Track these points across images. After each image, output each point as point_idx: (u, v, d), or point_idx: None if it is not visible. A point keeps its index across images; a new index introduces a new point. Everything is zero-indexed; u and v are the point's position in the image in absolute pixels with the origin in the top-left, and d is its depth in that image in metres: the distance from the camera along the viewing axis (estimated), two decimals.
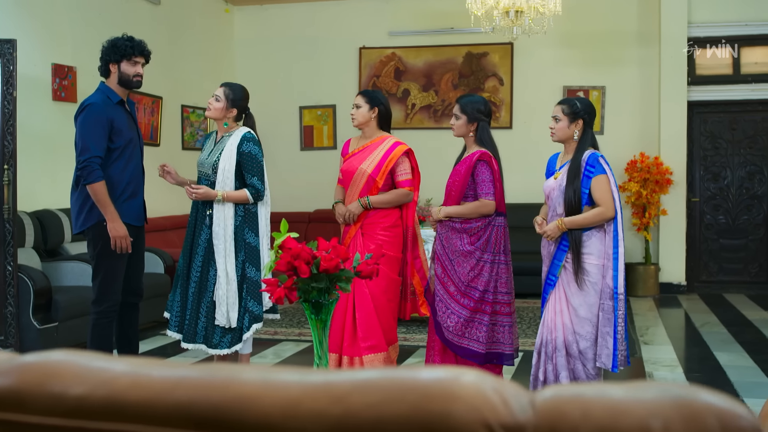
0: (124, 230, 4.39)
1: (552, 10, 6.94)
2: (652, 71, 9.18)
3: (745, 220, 9.17)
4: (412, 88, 9.95)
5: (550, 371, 4.18)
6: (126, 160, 4.50)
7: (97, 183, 4.32)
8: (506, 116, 9.68)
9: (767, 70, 9.01)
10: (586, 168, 4.08)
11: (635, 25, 9.34)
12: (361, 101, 4.74)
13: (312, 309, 2.43)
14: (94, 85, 7.48)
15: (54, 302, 5.64)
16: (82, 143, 4.37)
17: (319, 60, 10.12)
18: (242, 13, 10.38)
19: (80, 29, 7.36)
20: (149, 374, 0.96)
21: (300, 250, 2.33)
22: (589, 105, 4.24)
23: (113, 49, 4.50)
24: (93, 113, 4.39)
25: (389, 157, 4.65)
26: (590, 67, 9.41)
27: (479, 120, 4.44)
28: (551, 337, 4.17)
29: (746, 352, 6.02)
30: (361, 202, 4.61)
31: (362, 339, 4.54)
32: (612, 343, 4.03)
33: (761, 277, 9.16)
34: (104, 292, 4.48)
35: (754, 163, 9.16)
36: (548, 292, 4.22)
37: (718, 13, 9.02)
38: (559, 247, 4.15)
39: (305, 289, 2.39)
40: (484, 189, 4.36)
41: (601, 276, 4.05)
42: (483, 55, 9.75)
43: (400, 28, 9.95)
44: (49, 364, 1.02)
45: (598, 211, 4.03)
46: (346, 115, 10.13)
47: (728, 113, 9.21)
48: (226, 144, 4.59)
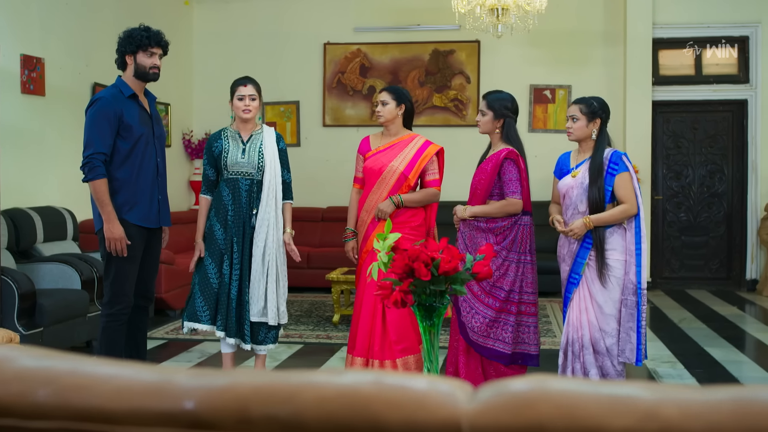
0: (120, 232, 4.18)
1: (537, 7, 6.94)
2: (618, 71, 9.32)
3: (706, 218, 9.39)
4: (377, 85, 9.83)
5: (578, 370, 4.17)
6: (140, 157, 4.28)
7: (98, 180, 4.15)
8: (473, 114, 9.65)
9: (728, 71, 9.25)
10: (610, 166, 4.12)
11: (601, 26, 9.46)
12: (387, 98, 4.61)
13: (424, 313, 2.31)
14: (64, 77, 7.22)
15: (39, 306, 5.33)
16: (86, 139, 4.21)
17: (282, 55, 9.92)
18: (202, 6, 10.08)
19: (48, 19, 7.01)
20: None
21: (419, 252, 2.21)
22: (604, 104, 4.29)
23: (129, 40, 4.29)
24: (100, 108, 4.20)
25: (423, 155, 4.56)
26: (556, 66, 9.49)
27: (506, 116, 4.38)
28: (577, 336, 4.16)
29: (735, 347, 6.14)
30: (394, 200, 4.50)
31: (395, 342, 4.43)
32: (636, 337, 4.09)
33: (721, 273, 9.40)
34: (115, 293, 4.26)
35: (715, 162, 9.39)
36: (571, 291, 4.22)
37: (681, 15, 9.21)
38: (582, 245, 4.15)
39: (419, 292, 2.27)
40: (511, 187, 4.30)
41: (624, 272, 4.09)
42: (450, 53, 9.71)
43: (365, 23, 9.83)
44: None
45: (623, 208, 4.07)
46: (309, 111, 9.97)
47: (690, 113, 9.41)
48: (263, 141, 4.51)
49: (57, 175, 7.14)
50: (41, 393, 0.73)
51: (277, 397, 0.70)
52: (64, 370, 0.75)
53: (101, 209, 4.16)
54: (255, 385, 0.72)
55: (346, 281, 6.94)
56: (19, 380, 0.74)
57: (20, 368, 0.75)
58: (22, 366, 0.76)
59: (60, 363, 0.76)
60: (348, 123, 9.88)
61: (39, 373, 0.75)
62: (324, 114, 9.94)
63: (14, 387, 0.73)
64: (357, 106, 9.90)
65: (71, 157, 7.39)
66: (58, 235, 6.60)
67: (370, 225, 4.59)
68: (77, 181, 7.42)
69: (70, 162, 7.37)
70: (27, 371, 0.75)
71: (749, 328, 6.99)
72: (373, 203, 4.59)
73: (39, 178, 6.89)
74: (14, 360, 0.76)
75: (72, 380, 0.74)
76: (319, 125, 9.92)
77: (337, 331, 6.66)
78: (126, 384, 0.73)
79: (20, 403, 0.72)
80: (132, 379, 0.73)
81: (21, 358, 0.77)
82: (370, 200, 4.60)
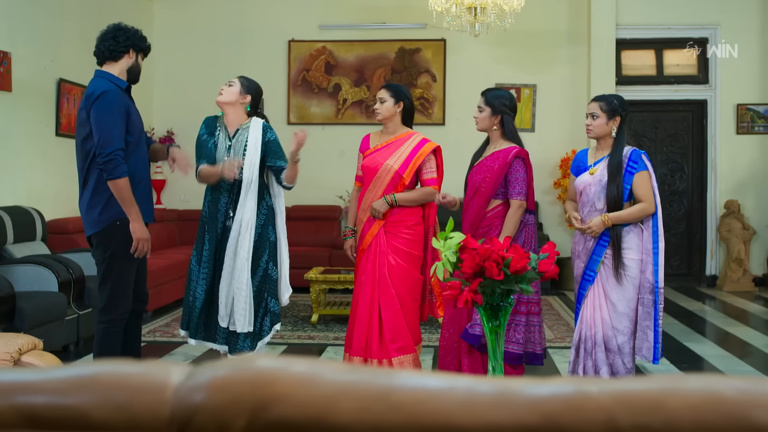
0: (147, 232, 4.03)
1: (514, 6, 6.98)
2: (582, 71, 9.44)
3: (667, 215, 9.57)
4: (343, 83, 9.77)
5: (590, 367, 4.18)
6: (141, 152, 4.14)
7: (123, 179, 3.90)
8: (439, 113, 9.69)
9: (688, 72, 9.46)
10: (629, 164, 4.11)
11: (566, 26, 9.57)
12: (385, 95, 4.54)
13: (491, 313, 2.28)
14: (29, 72, 6.96)
15: (18, 310, 5.13)
16: (104, 135, 3.89)
17: (246, 52, 9.76)
18: (164, 2, 9.86)
19: (14, 12, 6.76)
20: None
21: (490, 252, 2.18)
22: (624, 101, 4.27)
23: (142, 39, 4.16)
24: (111, 101, 3.95)
25: (418, 153, 4.49)
26: (522, 66, 9.56)
27: (503, 113, 4.34)
28: (590, 333, 4.17)
29: (712, 342, 6.28)
30: (387, 199, 4.44)
31: (390, 341, 4.39)
32: (653, 336, 4.10)
33: (682, 269, 9.61)
34: (115, 298, 4.07)
35: (676, 160, 9.60)
36: (586, 288, 4.21)
37: (644, 16, 9.39)
38: (598, 243, 4.15)
39: (488, 292, 2.24)
40: (516, 188, 4.24)
41: (639, 271, 4.10)
42: (416, 51, 9.70)
43: (330, 21, 9.75)
44: None
45: (642, 207, 4.07)
46: (274, 109, 9.83)
47: (651, 113, 9.60)
48: (247, 137, 4.33)
49: (23, 174, 6.90)
50: (378, 408, 0.67)
51: (645, 405, 0.66)
52: (394, 385, 0.69)
53: (128, 209, 3.94)
54: (618, 394, 0.68)
55: (325, 281, 6.87)
56: (352, 399, 0.68)
57: (341, 382, 0.69)
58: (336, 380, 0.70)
59: (376, 377, 0.70)
60: (313, 121, 9.79)
61: (370, 389, 0.69)
62: (289, 112, 9.83)
63: (347, 405, 0.67)
64: (322, 104, 9.82)
65: (37, 154, 7.15)
66: (27, 235, 6.38)
67: (366, 224, 4.54)
68: (44, 180, 7.22)
69: (36, 159, 7.13)
70: (350, 385, 0.69)
71: (720, 323, 7.15)
72: (369, 202, 4.54)
73: (4, 177, 6.63)
74: (322, 375, 0.70)
75: (407, 395, 0.68)
76: (284, 123, 9.79)
77: (317, 332, 6.58)
78: (465, 396, 0.68)
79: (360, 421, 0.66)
80: (471, 391, 0.68)
81: (328, 373, 0.71)
82: (366, 199, 4.55)
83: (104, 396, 0.71)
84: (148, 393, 0.72)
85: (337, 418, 0.66)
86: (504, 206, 4.27)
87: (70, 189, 7.46)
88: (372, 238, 4.49)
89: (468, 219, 4.34)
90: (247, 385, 0.71)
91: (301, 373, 0.70)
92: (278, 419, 0.68)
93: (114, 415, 0.70)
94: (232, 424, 0.69)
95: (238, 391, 0.70)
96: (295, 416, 0.67)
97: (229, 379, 0.71)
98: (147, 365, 0.77)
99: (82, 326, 5.82)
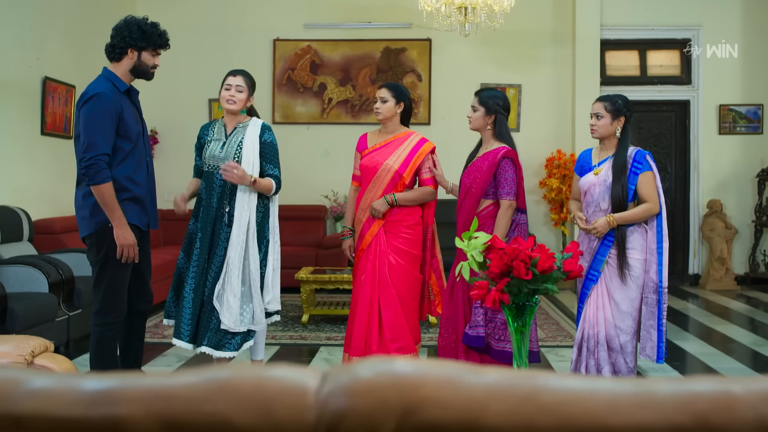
0: (132, 238, 3.95)
1: (504, 6, 7.00)
2: (567, 71, 9.50)
3: None
4: (328, 83, 9.75)
5: (592, 366, 4.20)
6: (138, 157, 4.07)
7: (104, 184, 3.84)
8: (424, 112, 9.69)
9: (671, 73, 9.55)
10: (633, 164, 4.14)
11: (550, 26, 9.62)
12: (387, 95, 4.53)
13: (516, 312, 2.28)
14: (14, 71, 6.85)
15: (10, 311, 5.06)
16: (89, 139, 3.85)
17: (231, 51, 9.69)
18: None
19: None
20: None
21: (518, 252, 2.18)
22: (628, 102, 4.30)
23: (141, 34, 4.01)
24: (101, 105, 3.88)
25: (417, 153, 4.49)
26: (507, 65, 9.60)
27: (497, 113, 4.35)
28: (593, 332, 4.19)
29: (702, 340, 6.34)
30: (387, 199, 4.44)
31: (391, 341, 4.39)
32: (657, 335, 4.13)
33: None
34: (109, 301, 4.01)
35: (659, 160, 9.67)
36: (589, 287, 4.23)
37: (628, 17, 9.46)
38: (603, 243, 4.17)
39: (514, 292, 2.24)
40: (506, 188, 4.24)
41: (643, 271, 4.13)
42: (401, 51, 9.70)
43: (316, 20, 9.72)
44: None
45: (646, 207, 4.09)
46: (258, 108, 9.69)
47: (635, 113, 9.55)
48: (244, 135, 4.33)
49: (8, 173, 6.80)
50: (527, 410, 0.66)
51: None
52: (540, 386, 0.69)
53: (111, 214, 3.88)
54: (764, 392, 0.68)
55: (315, 281, 6.85)
56: (501, 401, 0.67)
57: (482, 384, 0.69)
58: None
59: (519, 379, 0.70)
60: (298, 120, 9.76)
61: (517, 390, 0.68)
62: (274, 111, 9.78)
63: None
64: (307, 103, 9.78)
65: (22, 153, 7.06)
66: (15, 236, 6.29)
67: (366, 223, 4.54)
68: (29, 179, 7.11)
69: (21, 158, 7.04)
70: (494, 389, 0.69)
71: (707, 321, 7.22)
72: (368, 202, 4.53)
73: None
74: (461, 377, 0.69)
75: (554, 396, 0.68)
76: (269, 122, 9.74)
77: (309, 332, 6.56)
78: (611, 396, 0.67)
79: None
80: (615, 391, 0.68)
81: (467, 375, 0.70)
82: (366, 198, 4.55)
83: (244, 401, 0.70)
84: (290, 398, 0.71)
85: (489, 420, 0.66)
86: (495, 206, 4.28)
87: (55, 188, 7.40)
88: (372, 238, 4.48)
89: (461, 219, 4.35)
90: (393, 389, 0.70)
91: (443, 376, 0.70)
92: (428, 423, 0.67)
93: (258, 421, 0.69)
94: (381, 428, 0.68)
95: (384, 395, 0.69)
96: (446, 419, 0.67)
97: (373, 383, 0.71)
98: (280, 369, 0.76)
99: (73, 327, 5.75)
